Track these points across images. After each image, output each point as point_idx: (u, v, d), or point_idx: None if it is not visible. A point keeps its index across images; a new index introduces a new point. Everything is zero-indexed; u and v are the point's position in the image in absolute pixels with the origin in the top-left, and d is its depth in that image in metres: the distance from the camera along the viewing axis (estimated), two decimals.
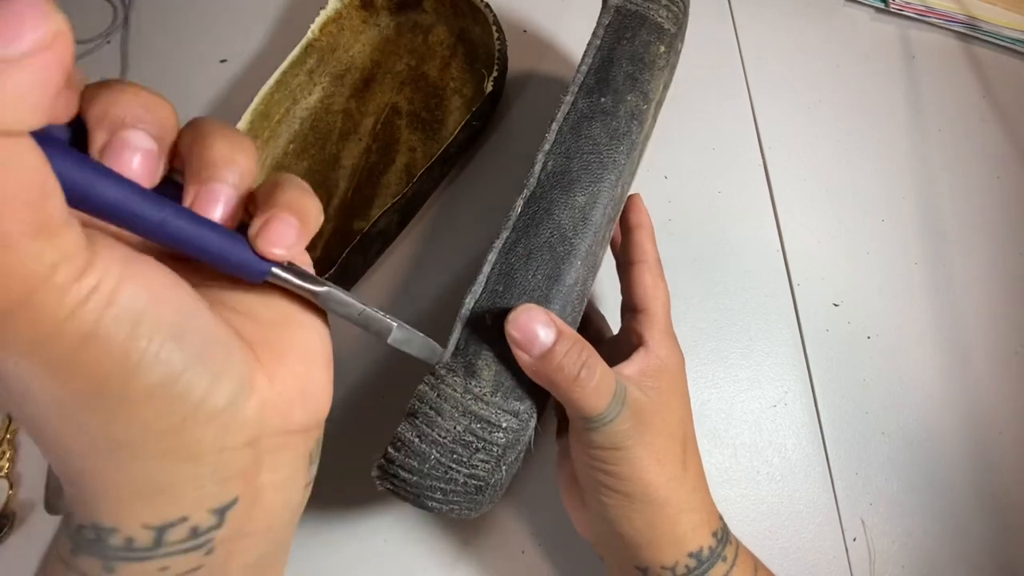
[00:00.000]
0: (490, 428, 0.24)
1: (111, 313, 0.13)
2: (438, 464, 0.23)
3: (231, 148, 0.17)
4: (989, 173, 0.44)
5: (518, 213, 0.26)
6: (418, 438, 0.24)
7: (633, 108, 0.28)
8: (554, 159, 0.27)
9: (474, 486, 0.24)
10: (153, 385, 0.14)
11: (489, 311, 0.25)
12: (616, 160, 0.27)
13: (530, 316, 0.23)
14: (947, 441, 0.36)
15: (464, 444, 0.24)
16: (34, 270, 0.12)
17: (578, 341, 0.23)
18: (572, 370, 0.23)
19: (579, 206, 0.26)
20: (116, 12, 0.49)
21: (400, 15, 0.46)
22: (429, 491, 0.24)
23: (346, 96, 0.43)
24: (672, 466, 0.24)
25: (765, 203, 0.42)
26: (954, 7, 0.49)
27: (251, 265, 0.16)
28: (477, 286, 0.25)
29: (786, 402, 0.37)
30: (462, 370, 0.24)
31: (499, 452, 0.24)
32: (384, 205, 0.38)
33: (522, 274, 0.25)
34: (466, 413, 0.24)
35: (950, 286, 0.40)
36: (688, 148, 0.44)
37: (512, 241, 0.26)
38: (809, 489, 0.35)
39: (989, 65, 0.48)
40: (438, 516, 0.32)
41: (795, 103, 0.46)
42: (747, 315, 0.39)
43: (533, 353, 0.23)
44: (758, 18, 0.49)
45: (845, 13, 0.50)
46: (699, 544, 0.25)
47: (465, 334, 0.25)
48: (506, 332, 0.23)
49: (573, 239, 0.26)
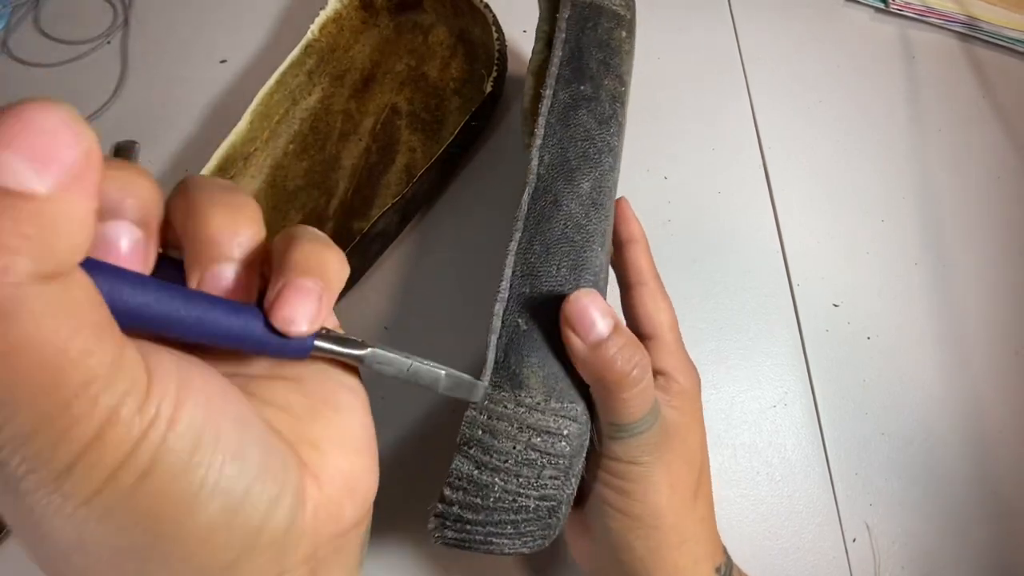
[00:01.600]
0: (552, 439, 0.22)
1: (171, 441, 0.11)
2: (504, 494, 0.21)
3: (231, 217, 0.15)
4: (989, 173, 0.44)
5: (525, 211, 0.25)
6: (477, 469, 0.21)
7: (613, 91, 0.28)
8: (549, 152, 0.26)
9: (547, 508, 0.22)
10: (212, 519, 0.12)
11: (521, 315, 0.23)
12: (609, 143, 0.27)
13: (590, 300, 0.22)
14: (947, 441, 0.36)
15: (529, 464, 0.22)
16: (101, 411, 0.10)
17: (633, 339, 0.22)
18: (625, 366, 0.21)
19: (586, 192, 0.25)
20: (116, 12, 0.49)
21: (400, 15, 0.46)
22: (498, 527, 0.22)
23: (346, 96, 0.43)
24: (684, 493, 0.24)
25: (765, 203, 0.42)
26: (954, 7, 0.49)
27: (294, 345, 0.15)
28: (502, 293, 0.24)
29: (786, 402, 0.37)
30: (508, 384, 0.22)
31: (566, 464, 0.22)
32: (384, 205, 0.38)
33: (545, 270, 0.24)
34: (524, 428, 0.22)
35: (950, 286, 0.40)
36: (688, 148, 0.43)
37: (527, 240, 0.24)
38: (809, 489, 0.35)
39: (989, 65, 0.48)
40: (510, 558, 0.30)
41: (795, 103, 0.46)
42: (747, 315, 0.39)
43: (589, 339, 0.22)
44: (758, 18, 0.49)
45: (845, 13, 0.50)
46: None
47: (502, 345, 0.23)
48: (562, 315, 0.22)
49: (588, 226, 0.25)
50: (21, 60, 0.46)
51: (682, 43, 0.48)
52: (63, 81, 0.46)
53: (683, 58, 0.47)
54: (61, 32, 0.48)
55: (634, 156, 0.43)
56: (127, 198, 0.14)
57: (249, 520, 0.13)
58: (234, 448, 0.12)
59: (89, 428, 0.10)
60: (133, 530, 0.11)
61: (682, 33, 0.48)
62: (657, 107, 0.45)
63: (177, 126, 0.44)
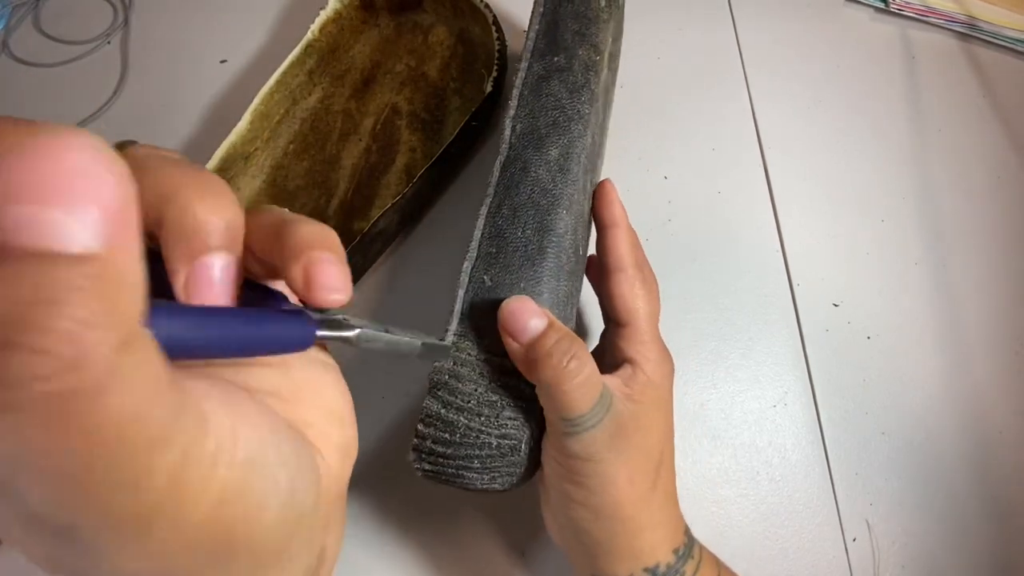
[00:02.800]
0: (511, 381, 0.24)
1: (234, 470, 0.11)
2: (468, 431, 0.24)
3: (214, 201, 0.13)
4: (989, 173, 0.44)
5: (496, 177, 0.27)
6: (443, 408, 0.24)
7: (586, 60, 0.29)
8: (521, 122, 0.28)
9: (508, 447, 0.24)
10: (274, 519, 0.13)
11: (487, 272, 0.25)
12: (580, 111, 0.28)
13: (522, 305, 0.23)
14: (947, 441, 0.36)
15: (489, 404, 0.24)
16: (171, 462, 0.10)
17: (569, 334, 0.23)
18: (560, 360, 0.22)
19: (553, 159, 0.27)
20: (116, 12, 0.49)
21: (400, 15, 0.46)
22: (466, 461, 0.24)
23: (346, 96, 0.43)
24: (642, 485, 0.24)
25: (765, 203, 0.42)
26: (954, 7, 0.49)
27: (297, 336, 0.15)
28: (471, 252, 0.26)
29: (786, 402, 0.37)
30: (472, 334, 0.25)
31: (525, 407, 0.24)
32: (384, 205, 0.38)
33: (511, 231, 0.26)
34: (484, 374, 0.24)
35: (950, 286, 0.40)
36: (688, 148, 0.44)
37: (496, 204, 0.26)
38: (809, 489, 0.35)
39: (989, 65, 0.48)
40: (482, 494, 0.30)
41: (795, 103, 0.46)
42: (747, 315, 0.39)
43: (522, 340, 0.23)
44: (758, 18, 0.49)
45: (845, 13, 0.50)
46: (656, 560, 0.24)
47: (468, 298, 0.25)
48: (498, 319, 0.23)
49: (553, 190, 0.26)
50: (21, 60, 0.46)
51: (682, 43, 0.48)
52: (63, 81, 0.46)
53: (683, 58, 0.47)
54: (61, 32, 0.48)
55: (634, 156, 0.43)
56: None
57: (297, 509, 0.14)
58: (279, 455, 0.13)
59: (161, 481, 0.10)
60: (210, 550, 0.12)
61: (682, 33, 0.48)
62: (657, 107, 0.45)
63: (177, 126, 0.44)
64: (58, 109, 0.44)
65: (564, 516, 0.25)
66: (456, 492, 0.33)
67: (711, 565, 0.26)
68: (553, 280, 0.26)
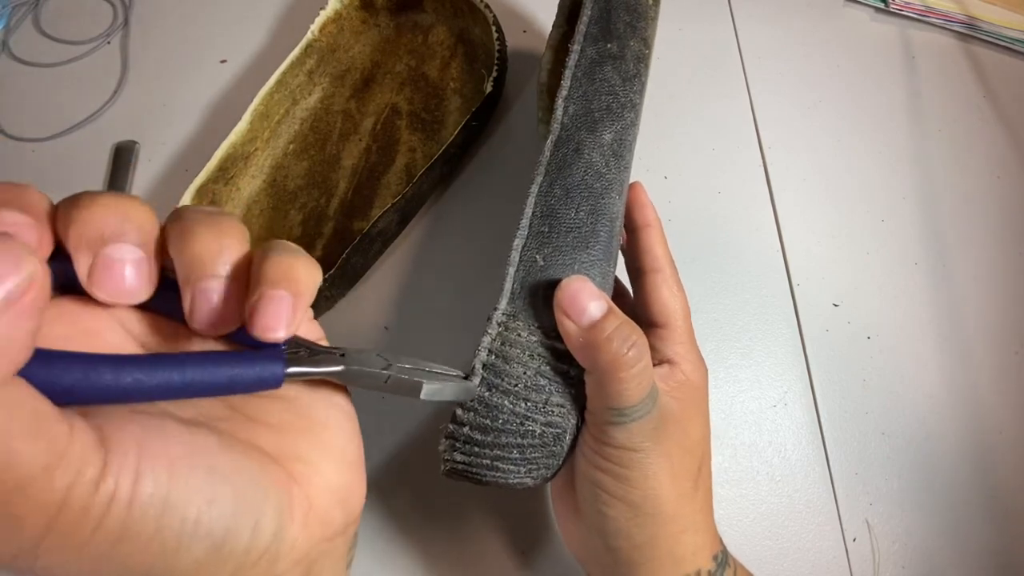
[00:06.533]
0: (561, 366, 0.23)
1: (136, 510, 0.12)
2: (512, 416, 0.22)
3: (216, 235, 0.15)
4: (989, 173, 0.44)
5: (548, 157, 0.26)
6: (488, 391, 0.22)
7: (637, 52, 0.29)
8: (574, 103, 0.27)
9: (552, 435, 0.23)
10: (198, 558, 0.13)
11: (539, 252, 0.24)
12: (632, 100, 0.28)
13: (582, 286, 0.22)
14: (947, 441, 0.36)
15: (537, 389, 0.23)
16: (50, 499, 0.11)
17: (629, 321, 0.22)
18: (621, 347, 0.21)
19: (607, 143, 0.26)
20: (116, 12, 0.49)
21: (400, 15, 0.46)
22: (505, 451, 0.23)
23: (346, 96, 0.43)
24: (685, 482, 0.23)
25: (765, 203, 0.42)
26: (954, 7, 0.49)
27: (266, 377, 0.15)
28: (522, 230, 0.25)
29: (786, 402, 0.37)
30: (523, 314, 0.23)
31: (574, 394, 0.23)
32: (384, 205, 0.38)
33: (564, 212, 0.25)
34: (534, 356, 0.23)
35: (950, 286, 0.40)
36: (688, 148, 0.44)
37: (548, 184, 0.25)
38: (809, 489, 0.35)
39: (989, 65, 0.48)
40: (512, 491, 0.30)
41: (795, 103, 0.46)
42: (747, 315, 0.39)
43: (581, 322, 0.22)
44: (758, 18, 0.49)
45: (845, 13, 0.50)
46: (696, 567, 0.23)
47: (519, 277, 0.24)
48: (555, 301, 0.22)
49: (607, 175, 0.26)
50: (21, 60, 0.46)
51: (682, 43, 0.48)
52: (63, 81, 0.46)
53: (683, 58, 0.47)
54: (61, 32, 0.48)
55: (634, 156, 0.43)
56: (126, 223, 0.14)
57: (235, 549, 0.14)
58: (207, 497, 0.13)
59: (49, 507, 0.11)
60: None
61: (682, 33, 0.48)
62: (657, 107, 0.45)
63: (177, 126, 0.44)
64: (58, 109, 0.44)
65: (597, 518, 0.23)
66: (457, 493, 0.33)
67: (745, 574, 0.26)
68: (605, 265, 0.25)
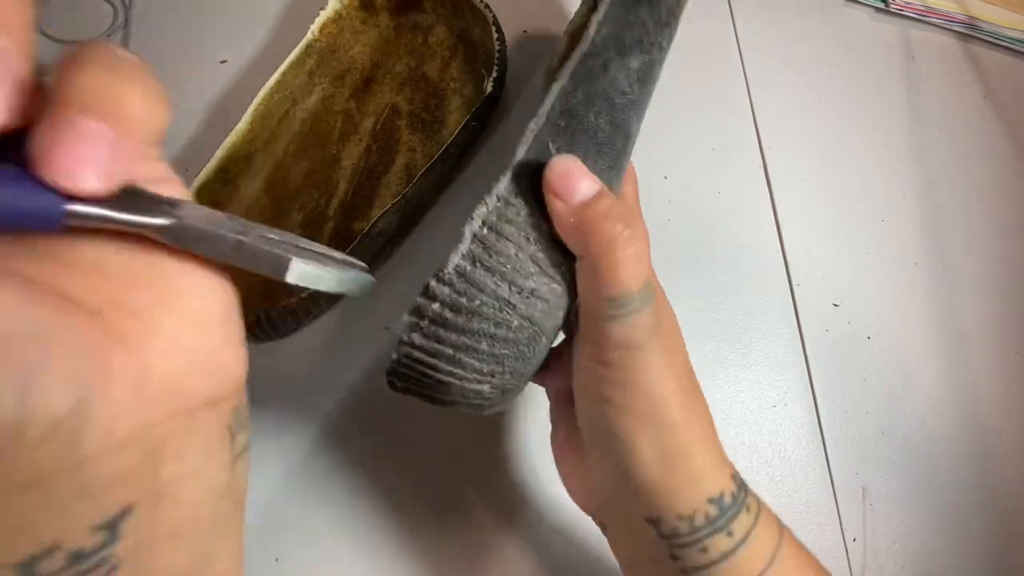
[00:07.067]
0: (555, 256, 0.21)
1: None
2: (492, 300, 0.20)
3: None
4: (989, 173, 0.44)
5: (575, 64, 0.24)
6: (472, 265, 0.20)
7: (670, 5, 0.29)
8: (608, 26, 0.26)
9: (528, 333, 0.21)
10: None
11: (554, 142, 0.23)
12: (660, 44, 0.28)
13: (574, 165, 0.21)
14: (947, 441, 0.36)
15: (525, 275, 0.21)
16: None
17: (623, 203, 0.21)
18: (615, 224, 0.20)
19: (633, 68, 0.26)
20: (116, 12, 0.49)
21: (400, 15, 0.45)
22: (474, 339, 0.20)
23: (346, 97, 0.43)
24: (686, 384, 0.22)
25: (765, 203, 0.42)
26: (954, 7, 0.49)
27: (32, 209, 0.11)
28: (539, 117, 0.23)
29: (786, 402, 0.37)
30: (526, 194, 0.22)
31: (559, 292, 0.21)
32: (384, 206, 0.38)
33: (585, 114, 0.24)
34: (530, 238, 0.21)
35: (950, 286, 0.40)
36: (688, 148, 0.44)
37: (571, 86, 0.24)
38: (809, 489, 0.35)
39: (989, 65, 0.48)
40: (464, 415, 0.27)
41: (795, 103, 0.46)
42: (747, 315, 0.39)
43: (572, 200, 0.20)
44: (758, 18, 0.49)
45: (845, 13, 0.50)
46: (719, 488, 0.21)
47: (528, 156, 0.22)
48: (543, 178, 0.21)
49: (630, 95, 0.25)
50: None
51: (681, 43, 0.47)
52: None
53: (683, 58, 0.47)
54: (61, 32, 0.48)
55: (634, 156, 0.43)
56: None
57: None
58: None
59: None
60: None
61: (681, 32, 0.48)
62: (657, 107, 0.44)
63: (177, 126, 0.44)
64: None
65: (607, 443, 0.21)
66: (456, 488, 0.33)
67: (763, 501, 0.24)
68: (616, 180, 0.24)
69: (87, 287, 0.12)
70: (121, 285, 0.13)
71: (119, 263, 0.13)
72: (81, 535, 0.12)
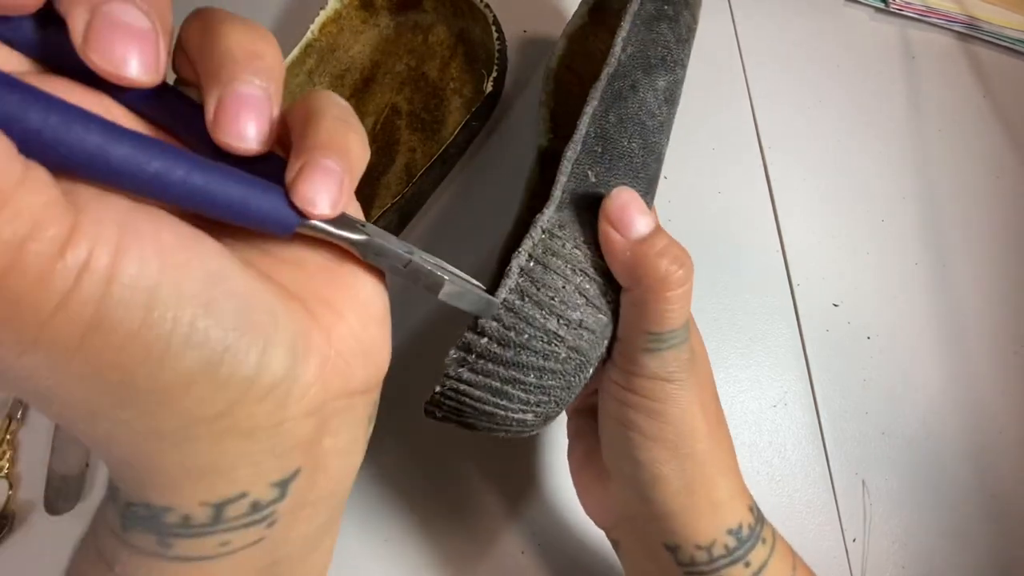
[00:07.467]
0: (602, 288, 0.21)
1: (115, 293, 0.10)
2: (540, 333, 0.20)
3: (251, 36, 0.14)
4: (989, 173, 0.44)
5: (603, 85, 0.25)
6: (520, 298, 0.20)
7: (688, 21, 0.29)
8: (632, 45, 0.26)
9: (575, 363, 0.21)
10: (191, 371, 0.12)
11: (592, 169, 0.23)
12: (682, 61, 0.28)
13: (631, 198, 0.21)
14: (947, 441, 0.36)
15: (573, 307, 0.21)
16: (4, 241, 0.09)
17: (677, 242, 0.21)
18: (672, 265, 0.20)
19: (661, 88, 0.26)
20: None
21: (400, 15, 0.45)
22: (522, 372, 0.20)
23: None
24: (713, 418, 0.22)
25: (765, 203, 0.42)
26: (954, 7, 0.49)
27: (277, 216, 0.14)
28: (575, 143, 0.23)
29: (786, 402, 0.37)
30: (570, 225, 0.22)
31: (605, 323, 0.21)
32: (384, 205, 0.38)
33: (618, 138, 0.24)
34: (576, 270, 0.21)
35: (950, 286, 0.40)
36: (688, 148, 0.43)
37: (603, 109, 0.25)
38: (809, 489, 0.35)
39: (989, 65, 0.48)
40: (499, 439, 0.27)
41: (795, 103, 0.46)
42: (747, 315, 0.39)
43: (630, 234, 0.20)
44: (758, 18, 0.49)
45: (845, 13, 0.50)
46: (739, 519, 0.22)
47: (569, 188, 0.23)
48: (601, 209, 0.21)
49: (659, 116, 0.26)
50: None
51: None
52: None
53: None
54: None
55: None
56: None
57: (235, 373, 0.12)
58: (204, 302, 0.12)
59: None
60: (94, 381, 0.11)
61: None
62: None
63: None
64: None
65: (628, 467, 0.22)
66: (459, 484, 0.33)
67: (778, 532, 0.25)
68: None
69: (294, 278, 0.15)
70: (317, 279, 0.15)
71: (316, 262, 0.16)
72: (263, 488, 0.14)
